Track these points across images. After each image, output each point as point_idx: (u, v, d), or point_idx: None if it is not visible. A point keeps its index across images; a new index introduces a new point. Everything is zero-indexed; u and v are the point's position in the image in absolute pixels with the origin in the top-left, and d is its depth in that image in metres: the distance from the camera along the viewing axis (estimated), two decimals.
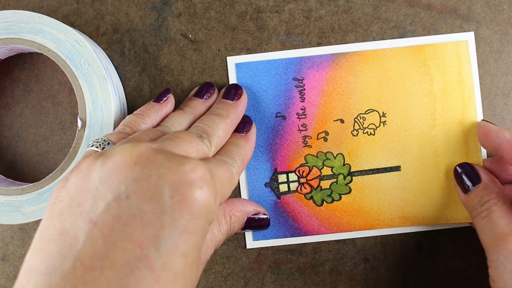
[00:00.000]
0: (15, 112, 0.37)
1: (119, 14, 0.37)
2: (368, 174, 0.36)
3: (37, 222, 0.37)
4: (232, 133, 0.34)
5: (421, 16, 0.36)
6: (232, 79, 0.36)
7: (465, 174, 0.34)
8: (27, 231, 0.37)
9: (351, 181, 0.36)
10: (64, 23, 0.34)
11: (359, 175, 0.36)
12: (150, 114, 0.32)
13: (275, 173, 0.36)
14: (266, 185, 0.36)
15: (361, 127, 0.36)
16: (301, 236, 0.36)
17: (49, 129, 0.37)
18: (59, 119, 0.37)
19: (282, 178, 0.36)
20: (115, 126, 0.34)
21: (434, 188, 0.36)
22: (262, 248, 0.37)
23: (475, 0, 0.37)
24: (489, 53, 0.37)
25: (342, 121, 0.36)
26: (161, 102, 0.34)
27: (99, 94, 0.33)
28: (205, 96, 0.35)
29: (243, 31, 0.37)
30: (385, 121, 0.36)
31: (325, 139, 0.36)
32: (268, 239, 0.37)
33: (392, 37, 0.36)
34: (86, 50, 0.33)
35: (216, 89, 0.36)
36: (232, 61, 0.36)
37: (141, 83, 0.37)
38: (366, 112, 0.36)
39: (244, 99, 0.35)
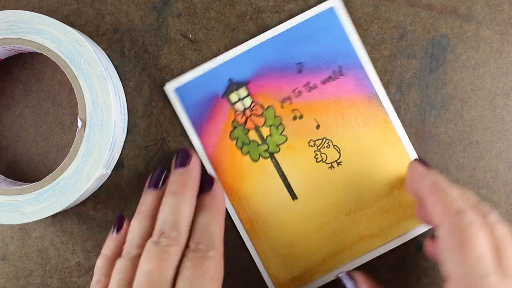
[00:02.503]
0: (15, 112, 0.37)
1: (119, 14, 0.37)
2: None
3: (37, 222, 0.37)
4: (198, 196, 0.33)
5: (421, 16, 0.36)
6: None
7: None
8: (27, 231, 0.37)
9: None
10: (64, 23, 0.34)
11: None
12: (112, 248, 0.33)
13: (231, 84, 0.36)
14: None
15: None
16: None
17: (49, 129, 0.37)
18: (59, 119, 0.37)
19: (234, 95, 0.36)
20: (115, 126, 0.34)
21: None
22: None
23: (475, 0, 0.37)
24: (489, 53, 0.37)
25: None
26: (119, 231, 0.34)
27: (99, 94, 0.33)
28: (159, 185, 0.34)
29: (243, 31, 0.37)
30: None
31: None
32: None
33: (392, 37, 0.36)
34: (86, 50, 0.33)
35: (190, 159, 0.35)
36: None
37: (141, 83, 0.37)
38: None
39: (195, 161, 0.35)
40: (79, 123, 0.34)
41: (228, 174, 0.36)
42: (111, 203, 0.37)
